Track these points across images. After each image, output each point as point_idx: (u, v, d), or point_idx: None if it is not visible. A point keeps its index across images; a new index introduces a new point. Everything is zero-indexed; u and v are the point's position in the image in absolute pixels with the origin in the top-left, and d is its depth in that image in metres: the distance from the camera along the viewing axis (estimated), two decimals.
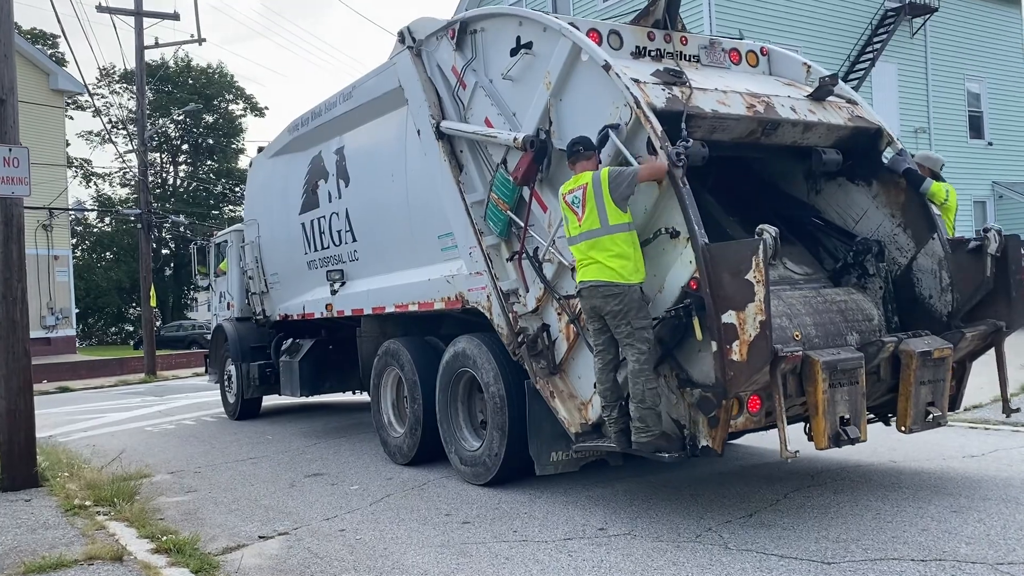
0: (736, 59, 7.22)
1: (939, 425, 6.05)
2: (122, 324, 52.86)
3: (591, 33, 6.32)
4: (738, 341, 4.96)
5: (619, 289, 5.41)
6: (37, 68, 29.62)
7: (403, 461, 8.26)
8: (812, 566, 4.69)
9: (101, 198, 52.49)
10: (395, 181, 8.36)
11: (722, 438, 5.26)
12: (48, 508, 6.99)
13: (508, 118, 6.78)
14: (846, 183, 6.96)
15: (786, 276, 6.48)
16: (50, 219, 29.53)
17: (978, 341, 6.22)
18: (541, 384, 6.36)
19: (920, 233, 6.53)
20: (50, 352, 28.73)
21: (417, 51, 7.82)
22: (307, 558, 5.45)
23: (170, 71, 49.52)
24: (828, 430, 5.27)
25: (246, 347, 12.46)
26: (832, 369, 5.26)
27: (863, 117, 6.86)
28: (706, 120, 5.95)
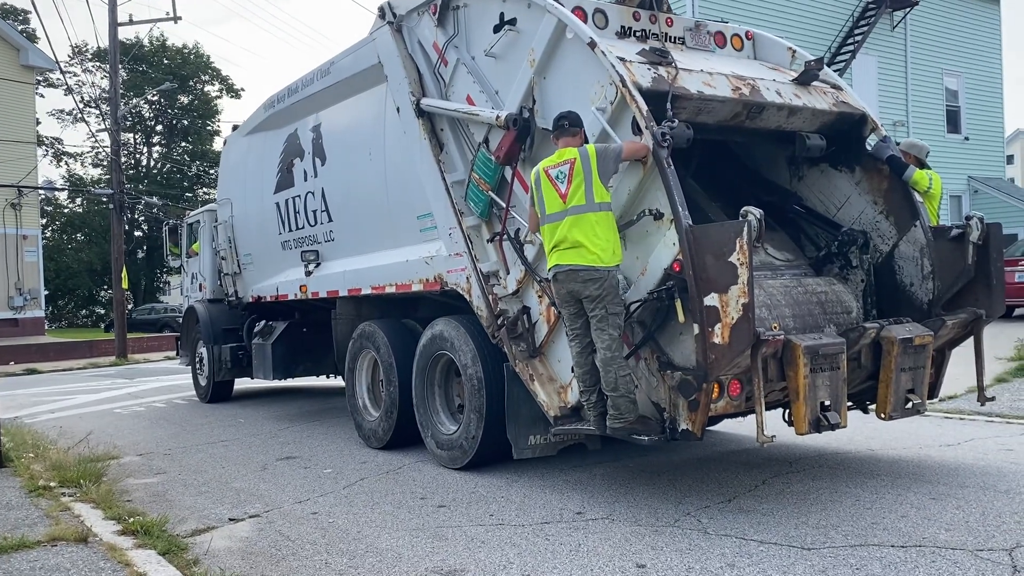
0: (721, 42, 7.12)
1: (918, 412, 6.03)
2: (93, 307, 52.14)
3: (576, 11, 6.17)
4: (720, 324, 4.88)
5: (599, 274, 5.32)
6: (7, 43, 29.00)
7: (378, 445, 8.14)
8: (792, 551, 4.64)
9: (72, 178, 51.62)
10: (373, 160, 8.19)
11: (702, 422, 5.19)
12: (11, 489, 6.79)
13: (490, 96, 6.65)
14: (829, 169, 6.87)
15: (767, 262, 6.43)
16: (19, 198, 28.96)
17: (958, 329, 6.21)
18: (520, 367, 6.27)
19: (902, 220, 6.46)
20: (18, 333, 28.24)
21: (397, 26, 7.64)
22: (278, 540, 5.33)
23: (144, 50, 48.70)
24: (809, 415, 5.22)
25: (218, 329, 12.25)
26: (814, 354, 5.20)
27: (848, 103, 6.76)
28: (692, 101, 5.83)
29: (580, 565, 4.59)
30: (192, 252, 13.92)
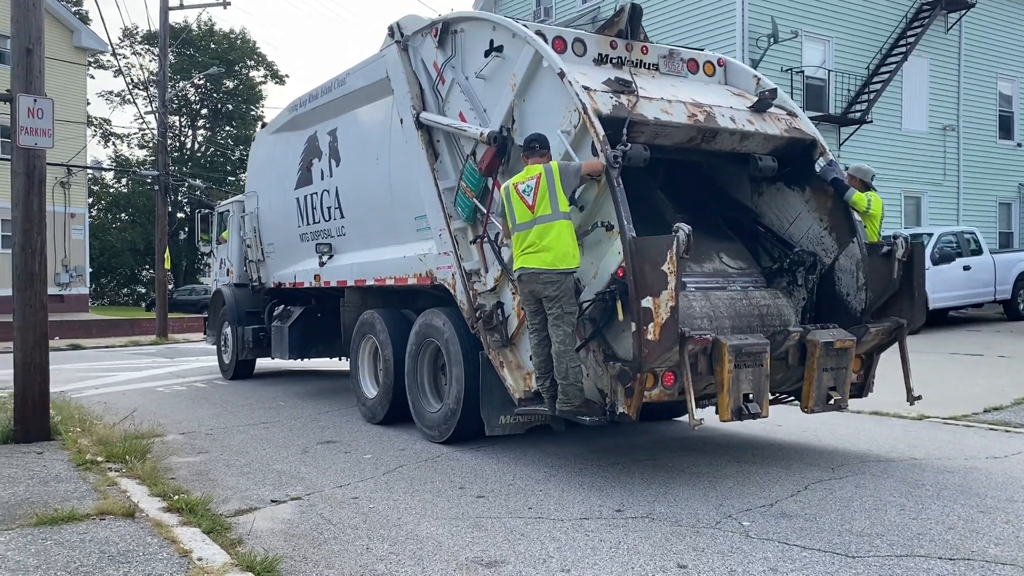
0: (694, 68, 7.84)
1: (840, 409, 6.72)
2: (134, 285, 53.11)
3: (557, 41, 6.99)
4: (653, 323, 5.57)
5: (557, 277, 6.04)
6: (61, 24, 29.55)
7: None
8: (835, 559, 4.59)
9: (119, 158, 52.54)
10: (379, 164, 8.97)
11: (637, 407, 5.88)
12: (60, 462, 6.95)
13: (479, 113, 7.36)
14: (784, 188, 7.58)
15: (721, 269, 7.17)
16: (68, 176, 29.56)
17: (882, 336, 6.88)
18: (493, 355, 7.03)
19: (843, 237, 7.16)
20: (63, 309, 28.84)
21: (404, 45, 8.38)
22: (320, 524, 5.38)
23: (193, 34, 49.37)
24: (731, 405, 5.89)
25: (242, 312, 13.16)
26: (738, 352, 5.86)
27: (800, 129, 7.42)
28: (649, 126, 6.51)
29: (621, 562, 4.58)
30: (222, 239, 14.77)
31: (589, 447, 7.66)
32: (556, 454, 7.35)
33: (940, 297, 17.04)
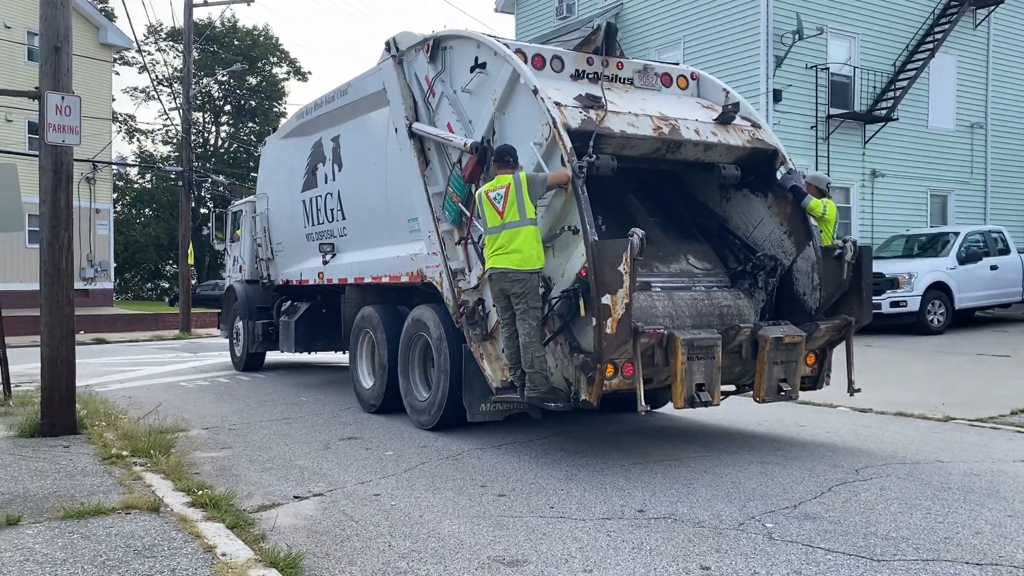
0: (668, 82, 8.43)
1: (790, 399, 7.23)
2: (158, 280, 53.61)
3: (536, 58, 7.62)
4: (611, 318, 6.09)
5: (523, 276, 6.64)
6: (87, 21, 29.84)
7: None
8: (860, 562, 4.54)
9: (143, 154, 52.99)
10: (377, 170, 9.56)
11: (597, 394, 6.37)
12: (86, 455, 7.03)
13: (465, 124, 7.93)
14: (749, 194, 8.12)
15: (687, 270, 7.75)
16: (93, 172, 29.87)
17: (832, 332, 7.41)
18: (474, 347, 7.55)
19: (800, 240, 7.70)
20: (88, 304, 29.17)
21: (399, 60, 8.94)
22: (342, 520, 5.41)
23: (216, 31, 49.72)
24: (684, 393, 6.41)
25: (253, 307, 13.87)
26: (690, 345, 6.39)
27: (762, 139, 7.95)
28: (615, 139, 7.05)
29: (643, 563, 4.56)
30: (235, 237, 15.42)
31: (611, 446, 7.64)
32: (578, 453, 7.34)
33: (966, 297, 16.85)
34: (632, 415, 9.28)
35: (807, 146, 18.38)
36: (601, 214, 7.42)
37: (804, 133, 18.32)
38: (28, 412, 8.49)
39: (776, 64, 17.81)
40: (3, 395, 9.96)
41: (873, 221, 19.63)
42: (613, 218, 7.62)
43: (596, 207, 7.15)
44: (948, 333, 16.37)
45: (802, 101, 18.34)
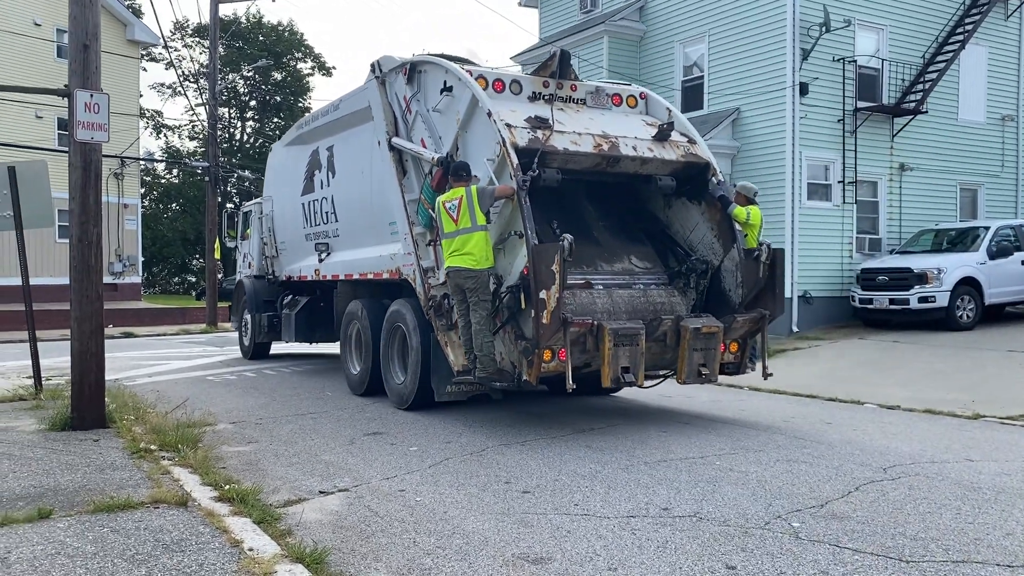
0: (618, 102, 9.41)
1: (709, 382, 8.16)
2: (185, 275, 54.07)
3: (497, 82, 8.62)
4: (546, 310, 7.08)
5: (475, 274, 7.75)
6: (115, 18, 30.12)
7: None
8: (889, 563, 4.50)
9: (170, 150, 53.48)
10: (364, 178, 10.54)
11: (536, 375, 7.39)
12: (115, 449, 7.11)
13: (435, 140, 8.92)
14: (687, 202, 9.14)
15: (629, 269, 8.72)
16: (121, 168, 30.18)
17: (750, 324, 8.37)
18: (441, 336, 8.60)
19: (727, 243, 8.69)
20: (116, 298, 29.50)
21: (382, 80, 9.87)
22: (367, 516, 5.43)
23: (242, 27, 50.02)
24: (611, 375, 7.43)
25: (260, 300, 14.86)
26: (616, 333, 7.41)
27: (696, 154, 9.00)
28: (559, 155, 8.12)
29: (668, 562, 4.54)
30: (246, 236, 16.38)
31: (635, 443, 7.62)
32: (602, 449, 7.32)
33: (997, 292, 16.60)
34: (649, 409, 9.27)
35: (834, 140, 18.16)
36: (557, 218, 8.44)
37: (831, 127, 18.10)
38: (58, 406, 8.60)
39: (803, 57, 17.59)
40: (34, 389, 10.11)
41: (901, 215, 19.37)
42: (569, 222, 8.50)
43: (553, 212, 8.47)
44: (977, 329, 16.14)
45: (829, 94, 18.11)
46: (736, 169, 18.69)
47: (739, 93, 18.70)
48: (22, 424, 8.23)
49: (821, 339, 16.45)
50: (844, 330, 17.36)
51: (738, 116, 18.67)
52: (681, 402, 10.20)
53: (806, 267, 17.75)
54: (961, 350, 13.97)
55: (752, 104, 18.41)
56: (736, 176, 18.67)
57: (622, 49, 21.34)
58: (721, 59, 19.20)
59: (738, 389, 11.74)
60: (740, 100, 18.67)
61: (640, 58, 21.52)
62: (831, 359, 14.23)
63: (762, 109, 18.20)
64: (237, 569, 4.28)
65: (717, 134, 18.39)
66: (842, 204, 18.34)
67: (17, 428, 8.02)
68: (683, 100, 20.28)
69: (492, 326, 7.75)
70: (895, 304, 16.47)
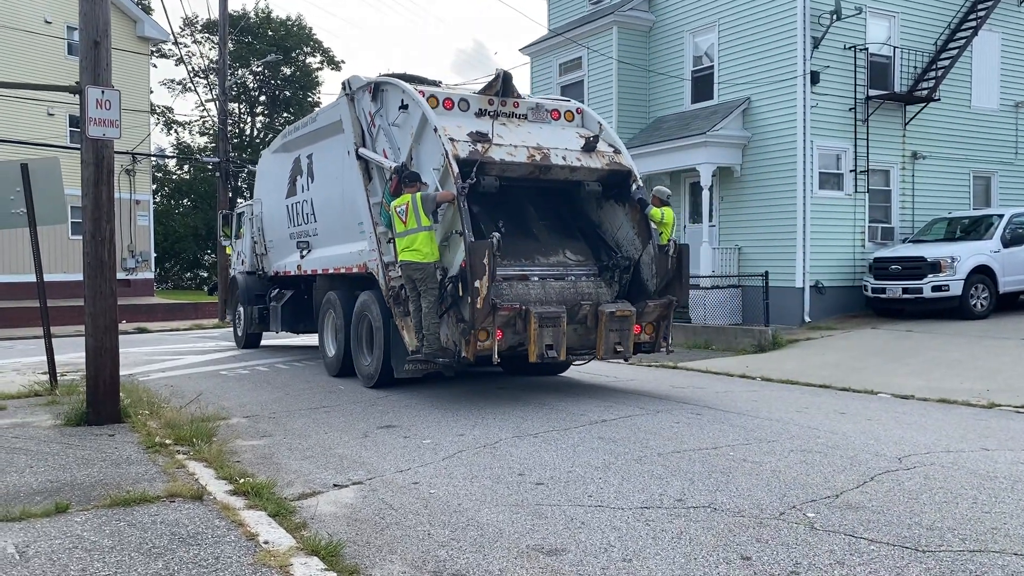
0: (556, 116, 10.74)
1: (624, 359, 9.77)
2: (197, 270, 54.25)
3: (446, 100, 9.96)
4: (479, 297, 8.38)
5: (421, 267, 9.09)
6: (125, 15, 30.19)
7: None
8: (905, 553, 4.48)
9: (181, 146, 53.63)
10: (337, 183, 11.86)
11: (473, 352, 8.65)
12: (130, 444, 7.16)
13: (395, 151, 10.18)
14: (614, 204, 10.46)
15: (563, 262, 10.03)
16: (133, 164, 30.29)
17: (661, 309, 9.75)
18: (399, 322, 9.82)
19: (645, 240, 10.01)
20: (129, 294, 29.65)
21: (351, 97, 11.20)
22: (382, 508, 5.45)
23: (251, 22, 50.04)
24: (536, 351, 8.77)
25: (251, 294, 16.20)
26: (540, 316, 8.77)
27: (619, 163, 10.29)
28: (497, 165, 9.41)
29: (683, 553, 4.54)
30: (239, 235, 17.65)
31: (648, 435, 7.61)
32: (615, 441, 7.32)
33: (1011, 281, 16.49)
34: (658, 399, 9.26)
35: (845, 129, 18.04)
36: (503, 218, 9.93)
37: (842, 115, 17.98)
38: (74, 401, 8.67)
39: (813, 45, 17.46)
40: (49, 384, 10.18)
41: (914, 204, 19.24)
42: (513, 222, 10.04)
43: (500, 213, 9.94)
44: (992, 318, 16.04)
45: (840, 83, 17.98)
46: (747, 159, 18.61)
47: (749, 82, 18.60)
48: (38, 419, 8.30)
49: (834, 329, 16.39)
50: (857, 320, 17.28)
51: (748, 106, 18.58)
52: (693, 393, 10.19)
53: (818, 257, 17.67)
54: (975, 339, 13.89)
55: (763, 93, 18.31)
56: (746, 166, 18.59)
57: (631, 39, 21.26)
58: (731, 48, 19.09)
59: (750, 380, 11.71)
60: (751, 89, 18.57)
61: (649, 48, 21.43)
62: (844, 349, 14.17)
63: (773, 98, 18.10)
64: (253, 562, 4.30)
65: (727, 124, 18.31)
66: (854, 193, 18.24)
67: (33, 424, 8.08)
68: (693, 90, 20.20)
69: (438, 311, 9.00)
70: (908, 293, 16.38)
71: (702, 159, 18.43)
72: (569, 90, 22.76)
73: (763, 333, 15.18)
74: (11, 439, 7.35)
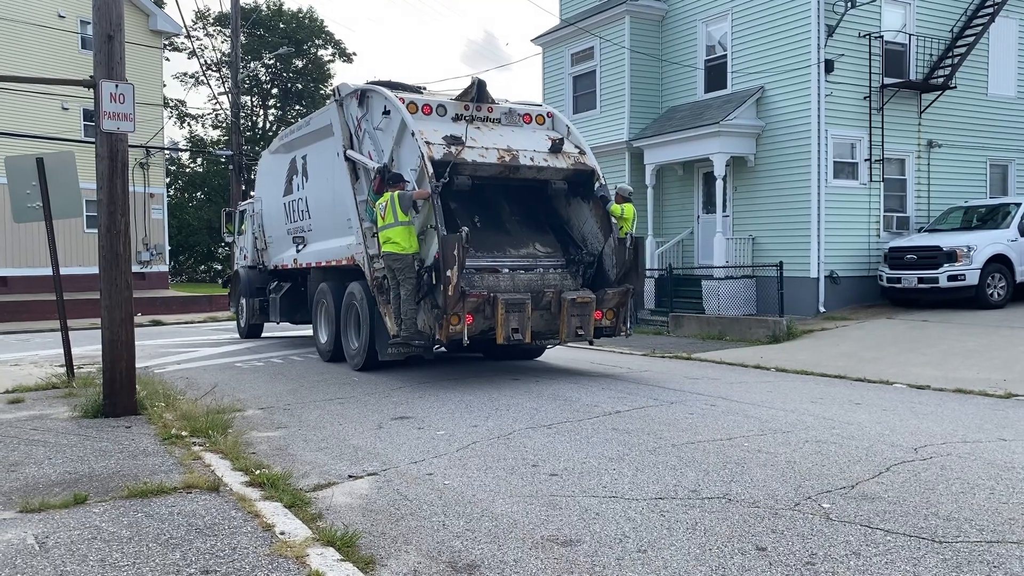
0: (528, 120, 11.63)
1: (588, 342, 10.81)
2: (210, 262, 54.51)
3: (425, 107, 10.81)
4: (451, 284, 9.25)
5: (400, 257, 9.91)
6: (137, 9, 30.27)
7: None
8: (921, 543, 4.46)
9: (194, 139, 53.80)
10: (328, 183, 12.71)
11: (446, 335, 9.57)
12: (147, 436, 7.21)
13: (378, 153, 11.06)
14: (580, 201, 11.41)
15: (532, 253, 10.92)
16: (147, 158, 30.41)
17: (619, 296, 10.70)
18: (382, 308, 10.66)
19: (606, 233, 10.98)
20: (144, 287, 29.81)
21: (340, 103, 12.03)
22: (396, 499, 5.47)
23: (262, 15, 50.11)
24: (504, 334, 9.69)
25: (253, 287, 17.22)
26: (507, 303, 9.69)
27: (584, 163, 11.27)
28: (468, 166, 10.31)
29: (698, 543, 4.53)
30: (242, 231, 18.61)
31: (662, 426, 7.60)
32: (629, 432, 7.31)
33: None
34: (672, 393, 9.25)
35: (860, 117, 17.90)
36: (478, 213, 10.90)
37: (857, 104, 17.83)
38: (90, 393, 8.73)
39: (828, 33, 17.32)
40: (66, 377, 10.26)
41: (930, 192, 19.09)
42: (487, 217, 10.98)
43: (475, 209, 10.89)
44: (1008, 307, 15.92)
45: (855, 71, 17.83)
46: (761, 148, 18.51)
47: (763, 71, 18.48)
48: (56, 411, 8.37)
49: (848, 319, 16.30)
50: (872, 310, 17.18)
51: (762, 95, 18.46)
52: (706, 384, 10.17)
53: (833, 246, 17.57)
54: (992, 328, 13.78)
55: (777, 82, 18.19)
56: (760, 156, 18.48)
57: (644, 29, 21.15)
58: (745, 37, 18.97)
59: (764, 370, 11.67)
60: (764, 78, 18.45)
61: (662, 37, 21.32)
62: (859, 339, 14.10)
63: (787, 87, 17.98)
64: (270, 552, 4.33)
65: (741, 113, 18.20)
66: (869, 182, 18.10)
67: (51, 416, 8.15)
68: (706, 79, 20.09)
69: (416, 298, 9.89)
70: (924, 283, 16.27)
71: (716, 149, 18.34)
72: (581, 80, 22.69)
73: (777, 323, 15.12)
74: (30, 431, 7.41)
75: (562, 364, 12.52)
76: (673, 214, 21.10)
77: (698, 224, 20.33)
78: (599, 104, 22.02)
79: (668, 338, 16.62)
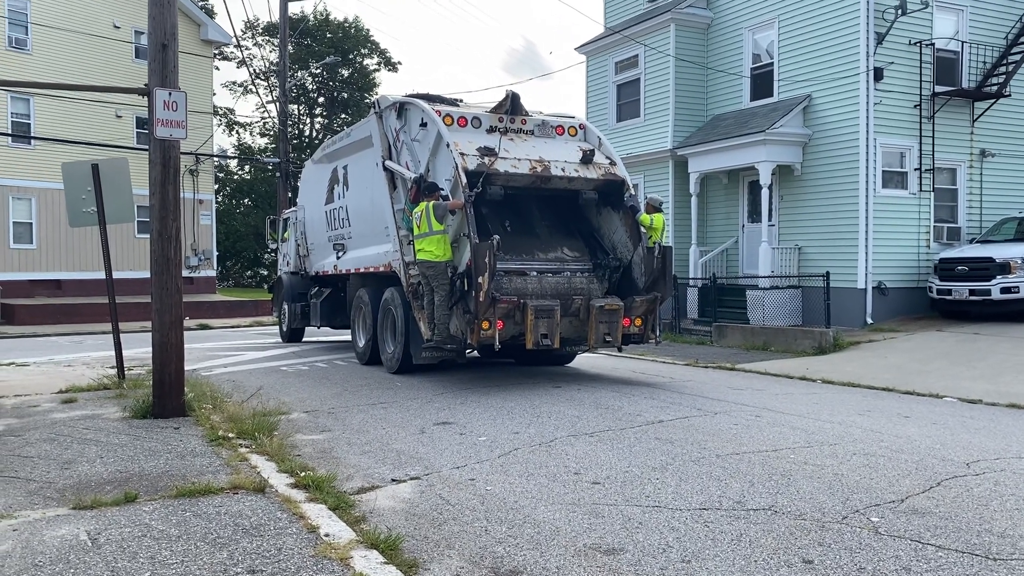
0: (560, 132, 11.98)
1: (617, 348, 10.98)
2: (257, 268, 55.33)
3: (461, 119, 11.16)
4: (482, 290, 9.53)
5: (434, 264, 10.28)
6: (189, 19, 30.91)
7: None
8: (975, 560, 4.35)
9: (242, 146, 54.72)
10: (367, 192, 13.16)
11: (477, 340, 9.89)
12: (195, 437, 7.33)
13: (415, 163, 11.46)
14: (611, 210, 11.67)
15: (561, 258, 11.24)
16: (196, 165, 31.00)
17: (647, 304, 10.93)
18: (416, 314, 10.96)
19: (635, 242, 11.25)
20: (192, 291, 30.36)
21: (380, 115, 12.46)
22: (439, 504, 5.49)
23: (310, 25, 50.83)
24: (533, 339, 9.95)
25: (295, 292, 17.75)
26: (536, 309, 9.96)
27: (614, 173, 11.47)
28: (501, 176, 10.61)
29: (743, 555, 4.48)
30: (284, 238, 19.28)
31: (706, 435, 7.52)
32: (672, 441, 7.25)
33: None
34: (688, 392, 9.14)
35: (911, 126, 17.58)
36: (509, 219, 11.24)
37: (907, 112, 17.53)
38: (140, 395, 8.91)
39: (877, 41, 17.05)
40: (117, 378, 10.49)
41: (982, 203, 18.67)
42: (518, 223, 11.31)
43: (507, 214, 11.23)
44: None
45: (905, 79, 17.54)
46: (807, 157, 18.28)
47: (810, 79, 18.26)
48: (107, 412, 8.55)
49: (897, 331, 15.99)
50: (921, 322, 16.83)
51: (809, 103, 18.24)
52: (751, 395, 10.05)
53: (881, 257, 17.26)
54: None
55: (824, 90, 17.96)
56: (807, 164, 18.25)
57: (689, 37, 21.04)
58: (792, 45, 18.77)
59: (810, 382, 11.50)
60: (811, 87, 18.23)
61: (708, 46, 21.18)
62: (907, 351, 13.82)
63: (835, 95, 17.74)
64: (314, 554, 4.37)
65: (787, 122, 18.00)
66: (919, 192, 17.77)
67: (103, 416, 8.34)
68: (752, 87, 19.91)
69: (449, 304, 10.19)
70: (976, 295, 15.91)
71: (762, 157, 18.15)
72: (625, 88, 22.62)
73: (823, 335, 14.89)
74: (82, 430, 7.59)
75: (603, 372, 12.47)
76: (717, 223, 20.92)
77: (743, 233, 20.13)
78: (643, 112, 21.94)
79: (711, 348, 16.45)
